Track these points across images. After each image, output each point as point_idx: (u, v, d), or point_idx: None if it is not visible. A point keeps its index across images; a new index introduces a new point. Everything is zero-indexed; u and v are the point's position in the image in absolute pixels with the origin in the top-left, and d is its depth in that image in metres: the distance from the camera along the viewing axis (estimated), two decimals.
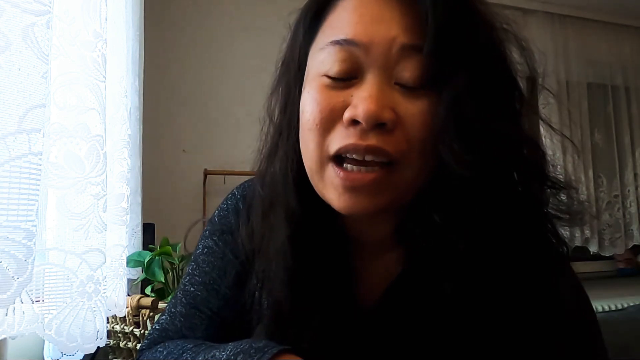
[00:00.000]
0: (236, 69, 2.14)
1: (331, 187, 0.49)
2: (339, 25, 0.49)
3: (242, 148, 2.34)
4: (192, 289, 0.63)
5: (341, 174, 0.48)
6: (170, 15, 2.07)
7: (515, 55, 0.52)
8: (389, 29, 0.47)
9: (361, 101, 0.46)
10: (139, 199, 1.41)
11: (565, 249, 0.54)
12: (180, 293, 0.64)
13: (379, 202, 0.48)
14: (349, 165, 0.48)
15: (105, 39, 0.85)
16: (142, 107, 1.47)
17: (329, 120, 0.48)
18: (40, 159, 0.64)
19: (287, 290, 0.53)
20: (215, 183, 2.00)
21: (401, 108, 0.47)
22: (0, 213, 0.60)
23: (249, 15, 2.19)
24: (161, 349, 0.58)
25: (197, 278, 0.63)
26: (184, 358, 0.54)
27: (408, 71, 0.47)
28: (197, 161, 2.02)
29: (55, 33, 0.75)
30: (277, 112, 0.57)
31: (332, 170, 0.49)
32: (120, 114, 1.09)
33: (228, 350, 0.50)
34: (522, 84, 0.52)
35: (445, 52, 0.45)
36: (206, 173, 2.01)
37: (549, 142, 0.54)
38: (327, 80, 0.49)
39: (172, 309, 0.63)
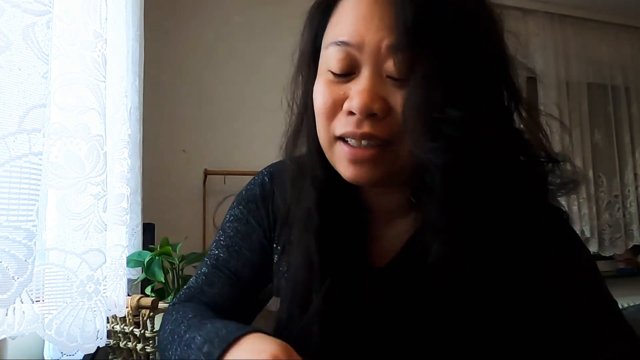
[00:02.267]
0: (236, 69, 2.14)
1: (340, 161, 0.58)
2: (339, 26, 0.57)
3: (242, 148, 2.34)
4: (216, 252, 0.71)
5: (346, 148, 0.56)
6: (170, 15, 2.07)
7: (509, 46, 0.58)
8: (377, 31, 0.54)
9: (356, 95, 0.54)
10: (139, 199, 1.41)
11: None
12: (206, 257, 0.72)
13: (378, 173, 0.56)
14: (351, 141, 0.56)
15: (105, 39, 0.85)
16: (142, 107, 1.47)
17: (332, 110, 0.57)
18: (40, 159, 0.64)
19: (315, 245, 0.61)
20: (215, 183, 2.00)
21: (391, 98, 0.54)
22: (1, 213, 0.61)
23: (249, 16, 2.19)
24: (176, 311, 0.65)
25: (222, 242, 0.72)
26: (181, 329, 0.60)
27: (394, 66, 0.53)
28: (197, 161, 2.02)
29: (56, 33, 0.75)
30: (298, 97, 0.65)
31: (339, 147, 0.57)
32: (120, 114, 1.09)
33: (204, 333, 0.55)
34: (518, 77, 0.58)
35: (413, 47, 0.51)
36: (206, 173, 2.01)
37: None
38: (331, 76, 0.57)
39: (199, 271, 0.72)
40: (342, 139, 0.57)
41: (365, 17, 0.54)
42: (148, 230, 1.54)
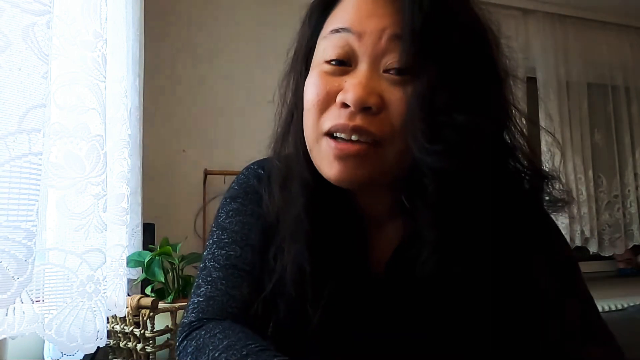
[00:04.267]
0: (236, 69, 2.14)
1: (325, 158, 0.55)
2: (340, 18, 0.56)
3: (242, 148, 2.34)
4: (222, 252, 0.62)
5: (332, 144, 0.54)
6: (171, 16, 2.07)
7: (503, 52, 0.57)
8: (380, 22, 0.53)
9: (351, 87, 0.53)
10: (139, 199, 1.41)
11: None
12: (209, 262, 0.62)
13: (362, 172, 0.54)
14: (339, 135, 0.54)
15: (105, 39, 0.85)
16: (142, 107, 1.47)
17: (325, 102, 0.55)
18: (40, 159, 0.64)
19: (307, 254, 0.58)
20: (215, 183, 2.00)
21: (387, 94, 0.53)
22: (1, 213, 0.60)
23: (249, 17, 2.19)
24: (220, 336, 0.53)
25: (225, 241, 0.63)
26: None
27: (393, 58, 0.53)
28: (197, 161, 2.02)
29: (56, 33, 0.75)
30: (288, 96, 0.63)
31: (326, 143, 0.55)
32: (120, 114, 1.09)
33: None
34: (512, 82, 0.57)
35: (421, 42, 0.51)
36: (206, 173, 2.01)
37: (547, 142, 0.58)
38: (326, 67, 0.56)
39: (208, 278, 0.60)
40: (330, 135, 0.54)
41: (369, 9, 0.54)
42: (148, 230, 1.55)
